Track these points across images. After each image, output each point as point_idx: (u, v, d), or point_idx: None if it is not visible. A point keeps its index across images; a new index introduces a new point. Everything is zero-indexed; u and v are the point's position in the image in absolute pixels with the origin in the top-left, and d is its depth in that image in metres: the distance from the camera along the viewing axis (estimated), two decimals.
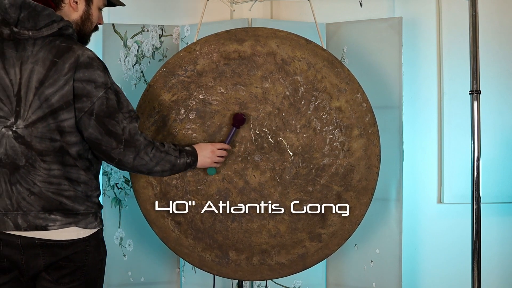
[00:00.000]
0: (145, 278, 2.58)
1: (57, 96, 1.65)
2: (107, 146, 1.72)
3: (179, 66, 2.10)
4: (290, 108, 2.11)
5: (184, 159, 1.91)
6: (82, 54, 1.67)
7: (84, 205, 1.73)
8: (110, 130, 1.70)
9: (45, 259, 1.70)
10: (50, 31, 1.68)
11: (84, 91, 1.66)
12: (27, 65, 1.67)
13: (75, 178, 1.72)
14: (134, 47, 2.56)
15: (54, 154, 1.68)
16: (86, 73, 1.66)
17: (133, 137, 1.74)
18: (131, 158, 1.76)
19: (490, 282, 2.63)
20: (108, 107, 1.69)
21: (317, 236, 2.12)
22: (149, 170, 1.83)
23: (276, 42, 2.11)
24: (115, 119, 1.71)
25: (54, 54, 1.66)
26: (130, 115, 1.76)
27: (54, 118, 1.66)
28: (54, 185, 1.69)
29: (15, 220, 1.68)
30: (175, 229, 2.12)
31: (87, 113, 1.67)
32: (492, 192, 2.60)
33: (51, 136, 1.67)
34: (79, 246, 1.72)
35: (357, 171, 2.11)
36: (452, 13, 2.62)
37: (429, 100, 2.67)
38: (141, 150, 1.77)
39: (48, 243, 1.69)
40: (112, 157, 1.74)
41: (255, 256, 2.12)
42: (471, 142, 2.23)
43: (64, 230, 1.70)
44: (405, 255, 2.52)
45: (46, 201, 1.68)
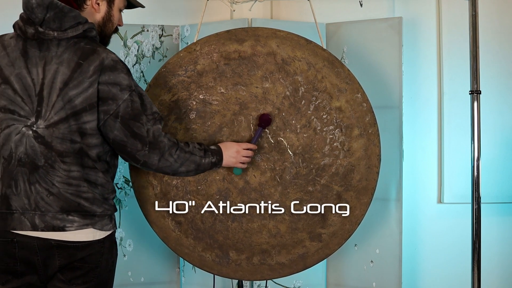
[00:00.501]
0: (145, 278, 2.58)
1: (81, 98, 1.65)
2: (132, 148, 1.73)
3: (179, 66, 2.10)
4: (290, 108, 2.11)
5: (209, 159, 1.92)
6: (107, 57, 1.68)
7: (102, 207, 1.73)
8: (135, 132, 1.72)
9: (60, 260, 1.69)
10: (75, 32, 1.68)
11: (109, 94, 1.67)
12: (51, 65, 1.67)
13: (94, 180, 1.72)
14: (134, 47, 2.56)
15: (74, 155, 1.68)
16: (111, 76, 1.67)
17: (157, 139, 1.76)
18: (155, 160, 1.77)
19: (490, 282, 2.63)
20: (133, 109, 1.71)
21: (317, 236, 2.12)
22: (174, 171, 1.84)
23: (276, 42, 2.11)
24: (140, 121, 1.72)
25: (79, 56, 1.66)
26: (154, 117, 1.77)
27: (76, 120, 1.66)
28: (73, 186, 1.69)
29: (33, 220, 1.67)
30: (175, 229, 2.12)
31: (113, 116, 1.68)
32: (492, 192, 2.60)
33: (71, 138, 1.67)
34: (94, 248, 1.72)
35: (357, 171, 2.11)
36: (452, 13, 2.62)
37: (429, 100, 2.67)
38: (166, 152, 1.78)
39: (64, 244, 1.68)
40: (137, 159, 1.76)
41: (255, 256, 2.12)
42: (471, 142, 2.23)
43: (81, 231, 1.70)
44: (405, 255, 2.52)
45: (65, 202, 1.68)
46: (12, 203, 1.68)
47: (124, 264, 2.55)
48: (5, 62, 1.69)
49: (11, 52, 1.70)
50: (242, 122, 2.11)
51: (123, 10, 1.89)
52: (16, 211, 1.67)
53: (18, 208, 1.67)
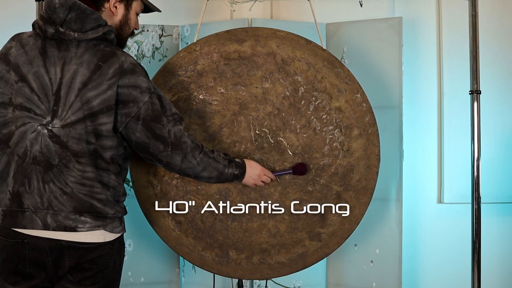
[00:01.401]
0: (145, 278, 2.58)
1: (99, 99, 1.66)
2: (154, 149, 1.75)
3: (179, 66, 2.10)
4: (290, 108, 2.11)
5: (232, 170, 1.93)
6: (126, 60, 1.69)
7: (114, 209, 1.74)
8: (156, 134, 1.73)
9: (70, 261, 1.69)
10: (95, 34, 1.69)
11: (130, 97, 1.68)
12: (71, 65, 1.67)
13: (106, 182, 1.72)
14: (134, 47, 2.56)
15: (89, 156, 1.68)
16: (131, 79, 1.68)
17: (179, 140, 1.77)
18: (178, 160, 1.78)
19: (490, 282, 2.63)
20: (153, 111, 1.72)
21: (317, 235, 2.12)
22: (196, 174, 1.85)
23: (276, 42, 2.11)
24: (161, 122, 1.73)
25: (99, 58, 1.67)
26: (174, 117, 1.78)
27: (92, 121, 1.67)
28: (87, 187, 1.69)
29: (45, 219, 1.66)
30: (175, 228, 2.12)
31: (134, 118, 1.70)
32: (492, 192, 2.60)
33: (87, 139, 1.67)
34: (104, 249, 1.72)
35: (356, 171, 2.12)
36: (452, 13, 2.62)
37: (429, 100, 2.67)
38: (188, 153, 1.79)
39: (75, 245, 1.68)
40: (160, 159, 1.77)
41: (255, 255, 2.12)
42: (471, 142, 2.23)
43: (92, 232, 1.70)
44: (405, 255, 2.52)
45: (78, 202, 1.68)
46: (25, 201, 1.67)
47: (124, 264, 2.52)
48: (22, 60, 1.70)
49: (29, 51, 1.70)
50: (242, 122, 2.11)
51: (139, 13, 1.89)
52: (28, 209, 1.67)
53: (31, 206, 1.67)
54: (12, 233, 1.69)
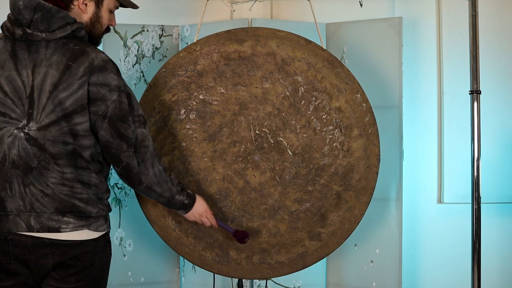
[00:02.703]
0: (145, 278, 2.58)
1: (71, 100, 1.64)
2: (117, 149, 1.71)
3: (179, 66, 2.10)
4: (290, 108, 2.11)
5: (183, 198, 1.89)
6: (96, 57, 1.67)
7: (96, 207, 1.73)
8: (121, 133, 1.70)
9: (54, 259, 1.69)
10: (63, 33, 1.67)
11: (98, 95, 1.66)
12: (41, 68, 1.66)
13: (87, 180, 1.72)
14: (134, 47, 2.56)
15: (67, 157, 1.68)
16: (100, 76, 1.66)
17: (140, 143, 1.74)
18: (136, 163, 1.75)
19: (490, 282, 2.63)
20: (121, 110, 1.69)
21: (317, 235, 2.12)
22: (149, 185, 1.80)
23: (276, 42, 2.11)
24: (127, 122, 1.71)
25: (68, 58, 1.66)
26: (139, 119, 1.75)
27: (68, 122, 1.65)
28: (67, 187, 1.69)
29: (28, 221, 1.67)
30: (175, 228, 2.12)
31: (101, 116, 1.67)
32: (492, 192, 2.60)
33: (64, 140, 1.66)
34: (88, 246, 1.72)
35: (356, 171, 2.12)
36: (452, 13, 2.62)
37: (429, 100, 2.67)
38: (147, 159, 1.76)
39: (57, 243, 1.68)
40: (121, 159, 1.73)
41: (255, 255, 2.13)
42: (471, 142, 2.23)
43: (76, 232, 1.70)
44: (405, 255, 2.52)
45: (60, 202, 1.68)
46: (7, 205, 1.67)
47: (124, 264, 2.55)
48: None
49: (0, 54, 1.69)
50: (242, 122, 2.11)
51: (114, 10, 1.87)
52: (12, 213, 1.67)
53: (13, 210, 1.67)
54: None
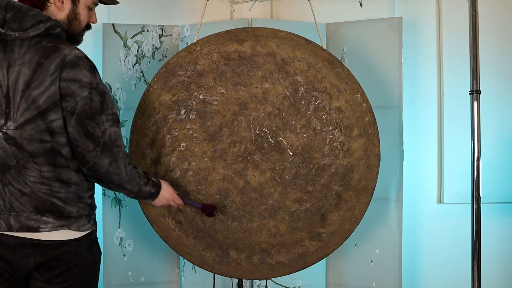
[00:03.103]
0: (145, 278, 2.58)
1: (44, 97, 1.64)
2: (83, 148, 1.67)
3: (180, 66, 2.10)
4: (290, 108, 2.11)
5: (150, 188, 1.87)
6: (69, 53, 1.66)
7: (76, 206, 1.72)
8: (89, 132, 1.67)
9: (35, 259, 1.69)
10: (36, 31, 1.66)
11: (68, 91, 1.65)
12: (15, 67, 1.66)
13: (66, 179, 1.71)
14: (134, 47, 2.56)
15: (44, 155, 1.67)
16: (71, 72, 1.64)
17: (113, 142, 1.70)
18: (106, 163, 1.69)
19: (490, 282, 2.63)
20: (90, 108, 1.67)
21: (317, 235, 2.12)
22: (120, 183, 1.76)
23: (276, 42, 2.11)
24: (95, 121, 1.67)
25: (41, 55, 1.65)
26: (113, 118, 1.72)
27: (43, 119, 1.65)
28: (46, 185, 1.69)
29: (8, 221, 1.68)
30: (175, 228, 2.12)
31: (70, 113, 1.66)
32: (492, 192, 2.60)
33: (40, 138, 1.66)
34: (70, 246, 1.71)
35: (356, 171, 2.12)
36: (452, 13, 2.62)
37: (429, 100, 2.67)
38: (120, 159, 1.72)
39: (38, 243, 1.69)
40: (86, 160, 1.68)
41: (255, 255, 2.12)
42: (471, 142, 2.23)
43: (55, 232, 1.70)
44: (405, 255, 2.52)
45: (38, 201, 1.68)
46: None
47: (124, 264, 2.55)
48: None
49: None
50: (242, 122, 2.11)
51: (93, 7, 1.84)
52: None
53: None
54: None
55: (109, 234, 2.53)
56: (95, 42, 2.64)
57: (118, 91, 2.55)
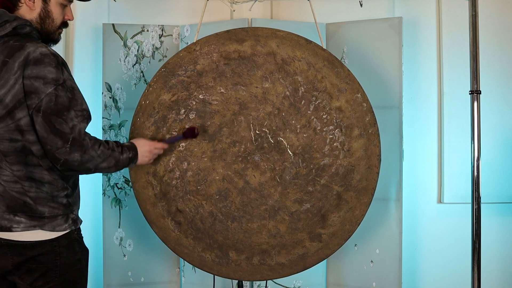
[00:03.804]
0: (145, 278, 2.58)
1: (10, 96, 1.64)
2: (52, 145, 1.65)
3: (179, 66, 2.10)
4: (290, 108, 2.11)
5: (127, 154, 1.86)
6: (34, 51, 1.65)
7: (47, 206, 1.71)
8: (56, 129, 1.65)
9: (12, 259, 1.70)
10: (3, 31, 1.67)
11: (32, 88, 1.64)
12: None
13: (39, 178, 1.70)
14: (134, 47, 2.56)
15: (15, 154, 1.67)
16: (34, 69, 1.63)
17: (82, 137, 1.69)
18: (77, 156, 1.68)
19: (490, 282, 2.63)
20: (56, 104, 1.65)
21: (317, 236, 2.12)
22: (96, 166, 1.75)
23: (276, 42, 2.11)
24: (62, 117, 1.66)
25: (6, 54, 1.66)
26: (83, 114, 1.70)
27: (12, 118, 1.65)
28: (18, 184, 1.69)
29: None
30: (175, 229, 2.12)
31: (35, 110, 1.64)
32: (492, 192, 2.60)
33: (10, 137, 1.66)
34: (45, 247, 1.70)
35: (357, 171, 2.11)
36: (452, 13, 2.62)
37: (429, 100, 2.67)
38: (89, 148, 1.70)
39: (12, 243, 1.69)
40: (56, 157, 1.67)
41: (255, 256, 2.12)
42: (471, 142, 2.23)
43: (28, 232, 1.69)
44: (405, 255, 2.52)
45: (10, 200, 1.69)
46: None
47: (124, 264, 2.55)
48: None
49: None
50: (242, 122, 2.11)
51: (67, 4, 1.83)
52: None
53: None
54: None
55: (109, 234, 2.53)
56: (95, 42, 2.64)
57: (118, 91, 2.55)
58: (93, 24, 2.62)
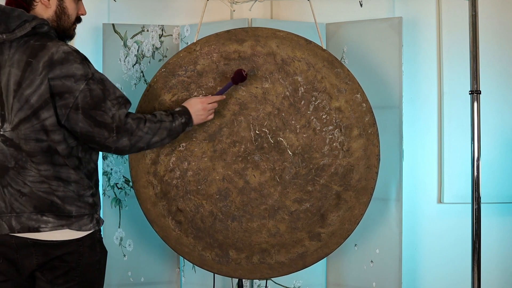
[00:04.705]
0: (145, 278, 2.58)
1: (36, 96, 1.65)
2: (100, 137, 1.70)
3: (179, 66, 2.10)
4: (290, 108, 2.11)
5: (179, 121, 1.87)
6: (57, 50, 1.66)
7: (74, 205, 1.72)
8: (99, 121, 1.68)
9: (38, 258, 1.70)
10: (23, 31, 1.67)
11: (64, 88, 1.65)
12: (5, 68, 1.67)
13: (66, 177, 1.71)
14: (134, 47, 2.56)
15: (42, 154, 1.68)
16: (62, 69, 1.65)
17: (123, 122, 1.72)
18: (126, 140, 1.73)
19: (490, 282, 2.63)
20: (92, 98, 1.67)
21: (317, 235, 2.12)
22: (148, 143, 1.79)
23: (276, 42, 2.11)
24: (101, 109, 1.68)
25: (29, 54, 1.66)
26: (118, 101, 1.73)
27: (37, 118, 1.66)
28: (45, 184, 1.69)
29: (9, 222, 1.68)
30: (175, 228, 2.12)
31: (73, 109, 1.66)
32: (492, 192, 2.60)
33: (36, 137, 1.67)
34: (71, 247, 1.71)
35: (356, 171, 2.12)
36: (452, 13, 2.62)
37: (429, 100, 2.67)
38: (134, 130, 1.74)
39: (39, 243, 1.69)
40: (108, 146, 1.72)
41: (255, 255, 2.13)
42: (471, 142, 2.23)
43: (56, 231, 1.70)
44: (405, 255, 2.52)
45: (38, 200, 1.68)
46: None
47: (124, 264, 2.55)
48: None
49: None
50: (242, 122, 2.11)
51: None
52: None
53: None
54: None
55: (109, 234, 2.53)
56: (95, 42, 2.64)
57: None
58: (93, 24, 2.61)
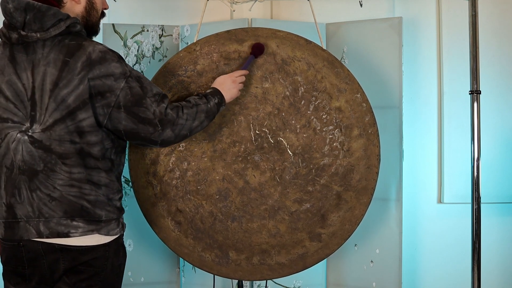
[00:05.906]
0: (145, 278, 2.58)
1: (73, 96, 1.63)
2: (145, 133, 1.71)
3: (179, 66, 2.10)
4: (290, 108, 2.11)
5: (213, 101, 1.88)
6: (94, 50, 1.65)
7: (104, 210, 1.71)
8: (142, 118, 1.69)
9: (64, 264, 1.68)
10: (58, 30, 1.66)
11: (105, 87, 1.64)
12: (39, 68, 1.65)
13: (96, 180, 1.70)
14: (134, 47, 2.56)
15: (75, 156, 1.66)
16: (102, 68, 1.64)
17: (165, 115, 1.73)
18: (170, 131, 1.74)
19: (490, 282, 2.63)
20: (133, 95, 1.68)
21: (317, 236, 2.12)
22: (189, 129, 1.80)
23: (276, 42, 2.11)
24: (143, 105, 1.69)
25: (65, 54, 1.64)
26: (156, 98, 1.73)
27: (73, 119, 1.64)
28: (76, 187, 1.67)
29: (37, 227, 1.65)
30: (175, 229, 2.12)
31: (115, 107, 1.66)
32: (492, 192, 2.60)
33: (70, 138, 1.65)
34: (98, 252, 1.70)
35: (356, 171, 2.12)
36: (452, 13, 2.62)
37: (429, 100, 2.67)
38: (175, 119, 1.75)
39: (67, 248, 1.67)
40: (154, 140, 1.73)
41: (255, 256, 2.12)
42: (471, 142, 2.23)
43: (86, 237, 1.68)
44: (405, 255, 2.52)
45: (68, 205, 1.66)
46: (17, 212, 1.67)
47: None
48: None
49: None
50: (242, 122, 2.11)
51: None
52: (21, 219, 1.66)
53: (23, 216, 1.66)
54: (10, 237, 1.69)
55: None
56: None
57: None
58: None
